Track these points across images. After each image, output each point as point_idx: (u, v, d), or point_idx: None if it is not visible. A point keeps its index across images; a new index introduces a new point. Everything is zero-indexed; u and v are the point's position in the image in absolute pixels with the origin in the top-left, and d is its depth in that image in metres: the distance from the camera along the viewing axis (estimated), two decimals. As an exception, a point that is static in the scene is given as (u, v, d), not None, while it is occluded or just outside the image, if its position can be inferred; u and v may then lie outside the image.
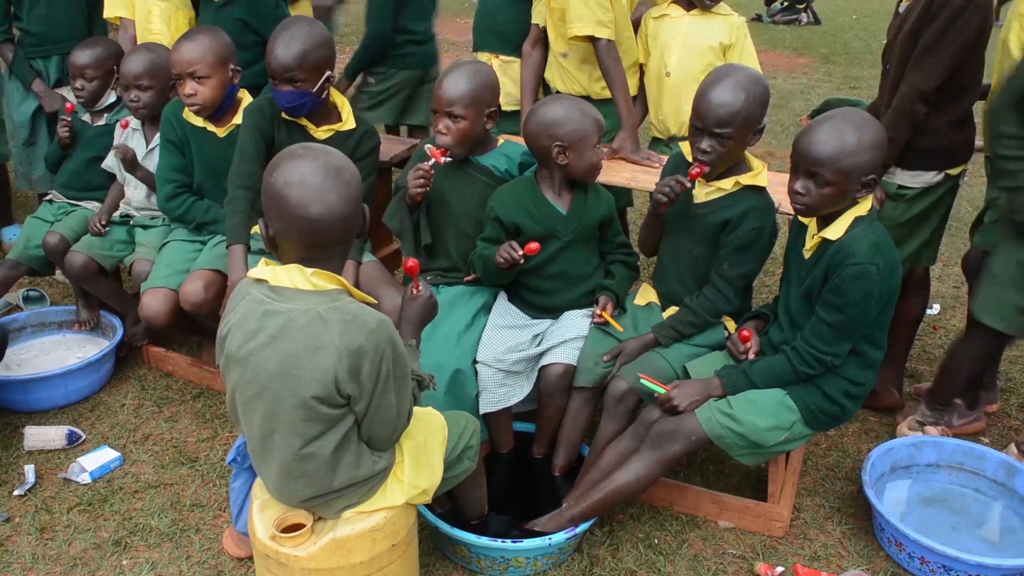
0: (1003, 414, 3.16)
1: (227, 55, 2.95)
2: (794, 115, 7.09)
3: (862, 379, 2.31)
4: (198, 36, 2.92)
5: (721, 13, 3.18)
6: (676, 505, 2.62)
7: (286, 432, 1.79)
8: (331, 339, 1.70)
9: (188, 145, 3.05)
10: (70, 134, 3.36)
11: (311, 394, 1.73)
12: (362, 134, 2.88)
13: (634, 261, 2.72)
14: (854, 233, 2.16)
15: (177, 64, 2.90)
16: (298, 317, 1.72)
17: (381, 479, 1.94)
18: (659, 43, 3.21)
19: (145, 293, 2.94)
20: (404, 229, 2.71)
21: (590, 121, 2.47)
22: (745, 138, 2.35)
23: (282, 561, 1.90)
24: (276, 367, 1.74)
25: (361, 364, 1.72)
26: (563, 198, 2.56)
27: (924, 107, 2.64)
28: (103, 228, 3.21)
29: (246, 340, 1.77)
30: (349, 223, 1.77)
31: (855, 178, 2.11)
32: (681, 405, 2.31)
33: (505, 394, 2.50)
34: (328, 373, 1.71)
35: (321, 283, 1.75)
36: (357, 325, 1.72)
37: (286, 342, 1.72)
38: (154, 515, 2.57)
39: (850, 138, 2.09)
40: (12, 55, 3.71)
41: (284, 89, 2.67)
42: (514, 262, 2.43)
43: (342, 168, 1.76)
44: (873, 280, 2.13)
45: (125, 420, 3.03)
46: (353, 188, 1.76)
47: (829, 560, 2.46)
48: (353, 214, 1.77)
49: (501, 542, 2.28)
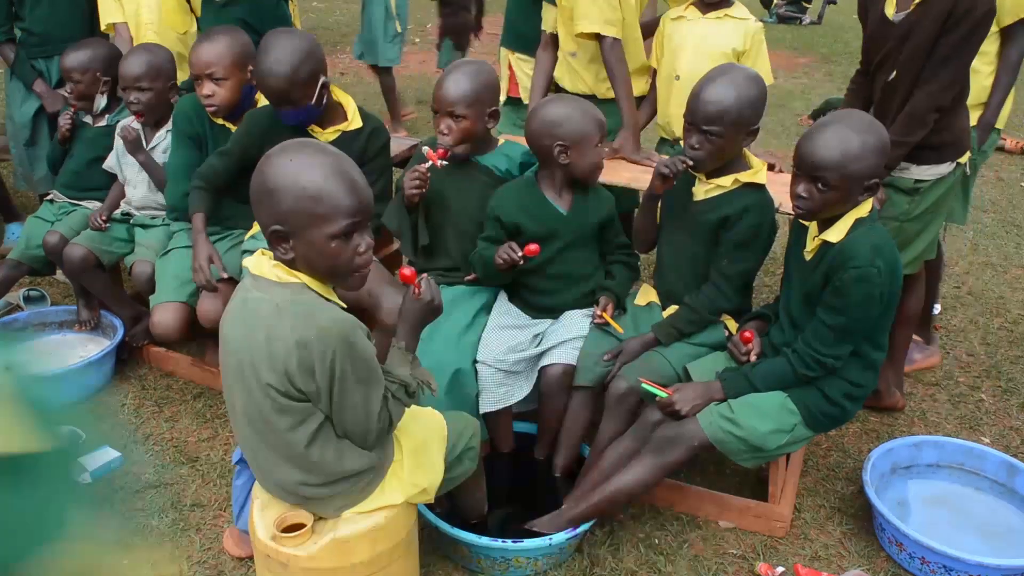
0: (1003, 414, 3.16)
1: (245, 56, 2.93)
2: (794, 115, 7.08)
3: (863, 380, 2.31)
4: (217, 37, 2.91)
5: (738, 17, 3.13)
6: (677, 505, 2.62)
7: (261, 420, 1.81)
8: (283, 331, 1.71)
9: (205, 141, 3.04)
10: (71, 127, 3.36)
11: (267, 382, 1.74)
12: (370, 132, 2.86)
13: (635, 262, 2.72)
14: (855, 235, 2.15)
15: (196, 65, 2.90)
16: (263, 306, 1.74)
17: (377, 476, 1.94)
18: (672, 45, 3.20)
19: (155, 309, 2.93)
20: (403, 230, 2.71)
21: (591, 120, 2.47)
22: (736, 137, 2.34)
23: (282, 561, 1.90)
24: (248, 355, 1.76)
25: (312, 360, 1.71)
26: (564, 198, 2.56)
27: (937, 115, 2.64)
28: (104, 223, 3.21)
29: (230, 326, 1.81)
30: (256, 211, 1.75)
31: (858, 182, 2.11)
32: (683, 409, 2.31)
33: (505, 394, 2.50)
34: (280, 365, 1.72)
35: (282, 275, 1.76)
36: (308, 321, 1.71)
37: (253, 331, 1.75)
38: (154, 515, 2.57)
39: (854, 143, 2.08)
40: (14, 55, 3.71)
41: (287, 110, 2.67)
42: (513, 263, 2.43)
43: (269, 165, 1.74)
44: (874, 283, 2.12)
45: (125, 420, 3.02)
46: (259, 187, 1.73)
47: (830, 560, 2.46)
48: (257, 207, 1.75)
49: (502, 542, 2.28)
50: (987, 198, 5.31)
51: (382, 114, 6.87)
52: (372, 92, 7.56)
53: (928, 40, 2.59)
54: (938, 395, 3.26)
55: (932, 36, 2.58)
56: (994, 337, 3.69)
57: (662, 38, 3.27)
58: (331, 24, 10.64)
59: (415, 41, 9.80)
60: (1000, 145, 6.21)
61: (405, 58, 6.58)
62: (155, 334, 2.95)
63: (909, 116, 2.65)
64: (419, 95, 7.47)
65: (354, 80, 8.03)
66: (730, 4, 3.17)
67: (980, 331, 3.73)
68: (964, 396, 3.26)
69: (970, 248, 4.58)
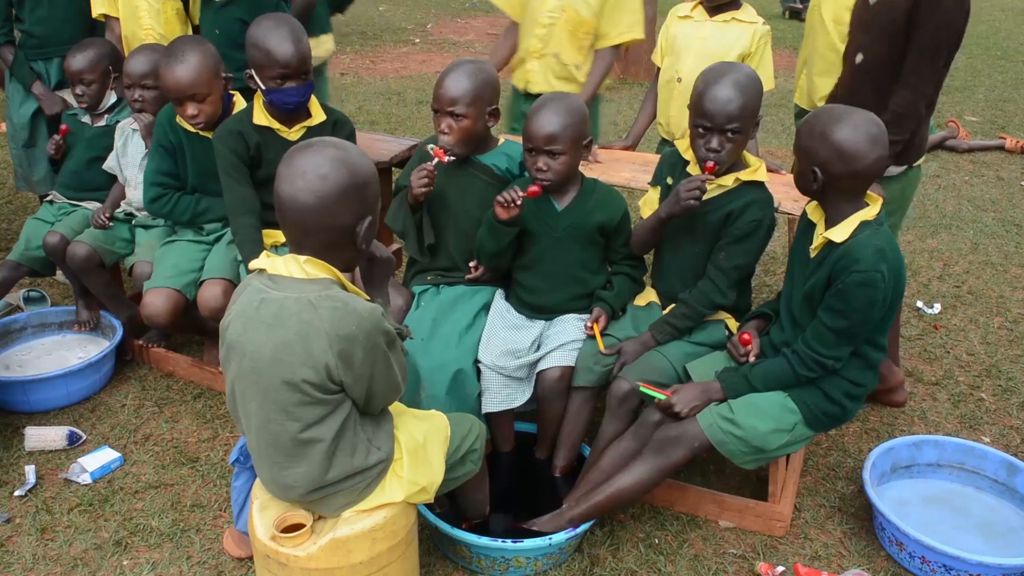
0: (1003, 413, 3.16)
1: (217, 67, 2.95)
2: (794, 114, 7.08)
3: (863, 380, 2.31)
4: (187, 57, 2.89)
5: (745, 20, 3.13)
6: (677, 505, 2.62)
7: (282, 418, 1.81)
8: (321, 325, 1.72)
9: (182, 150, 3.06)
10: (58, 153, 3.40)
11: (303, 378, 1.75)
12: (333, 124, 2.91)
13: (639, 275, 2.68)
14: (859, 239, 2.15)
15: (174, 90, 2.90)
16: (290, 304, 1.75)
17: (379, 474, 1.94)
18: (676, 45, 3.20)
19: (148, 292, 2.94)
20: (407, 229, 2.71)
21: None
22: (749, 130, 2.36)
23: (282, 561, 1.90)
24: (271, 354, 1.76)
25: (353, 351, 1.75)
26: (564, 196, 2.57)
27: (926, 110, 2.65)
28: (107, 221, 3.21)
29: (244, 328, 1.80)
30: (318, 215, 1.76)
31: (860, 184, 2.17)
32: (682, 410, 2.31)
33: (508, 396, 2.51)
34: (319, 359, 1.73)
35: (313, 271, 1.79)
36: (347, 313, 1.74)
37: (280, 329, 1.74)
38: (154, 515, 2.58)
39: (859, 137, 2.10)
40: (12, 57, 3.71)
41: (296, 85, 2.72)
42: (513, 203, 2.43)
43: (322, 164, 1.76)
44: (878, 287, 2.12)
45: (126, 420, 3.03)
46: (328, 184, 1.75)
47: (830, 560, 2.46)
48: (323, 210, 1.76)
49: (501, 542, 2.28)
50: (987, 197, 5.31)
51: (382, 114, 6.89)
52: (372, 92, 7.58)
53: (893, 25, 2.60)
54: (938, 394, 3.26)
55: (899, 23, 2.59)
56: (994, 336, 3.68)
57: (667, 36, 3.27)
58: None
59: (415, 41, 9.81)
60: (1000, 144, 6.21)
61: (405, 58, 6.55)
62: (144, 315, 2.96)
63: (898, 115, 2.64)
64: (419, 95, 7.47)
65: (354, 80, 8.03)
66: (738, 6, 3.14)
67: (980, 330, 3.73)
68: (964, 395, 3.26)
69: (970, 247, 4.58)
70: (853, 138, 2.09)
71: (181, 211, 3.10)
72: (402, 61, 6.83)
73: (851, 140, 2.09)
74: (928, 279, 4.18)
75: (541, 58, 3.39)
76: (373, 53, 9.20)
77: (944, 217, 4.95)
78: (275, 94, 2.73)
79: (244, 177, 2.85)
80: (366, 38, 9.95)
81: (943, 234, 4.74)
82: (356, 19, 11.02)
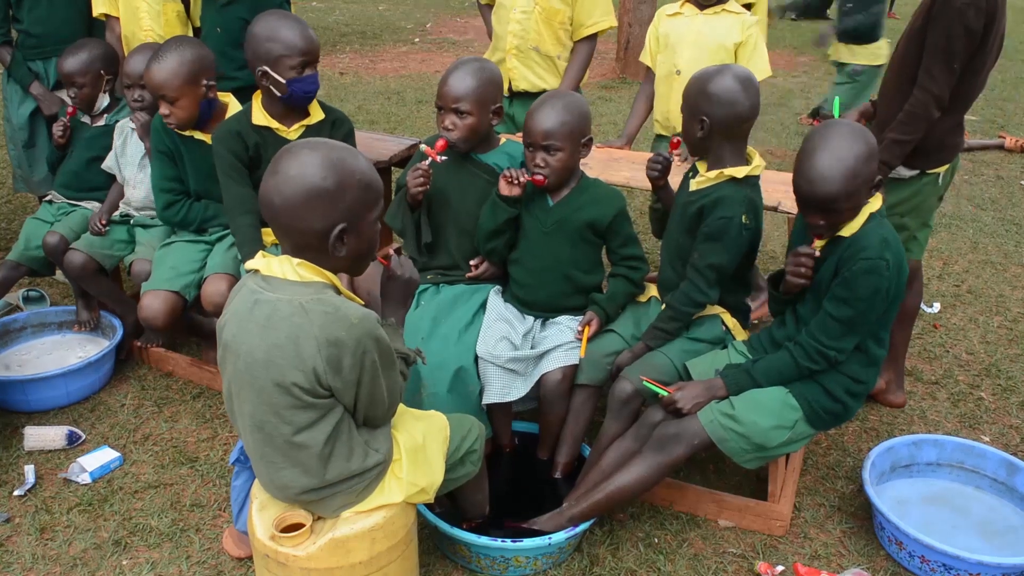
0: (1003, 412, 3.16)
1: (196, 74, 2.90)
2: (794, 114, 7.09)
3: (865, 377, 2.31)
4: (165, 57, 2.88)
5: (733, 12, 3.24)
6: (676, 504, 2.62)
7: (276, 420, 1.81)
8: (311, 330, 1.72)
9: (180, 154, 3.06)
10: (64, 136, 3.37)
11: (293, 381, 1.74)
12: (331, 123, 2.91)
13: (638, 276, 2.66)
14: (867, 228, 2.17)
15: (148, 86, 2.93)
16: (283, 307, 1.75)
17: (378, 476, 1.94)
18: (670, 41, 3.28)
19: (145, 294, 2.94)
20: (406, 228, 2.72)
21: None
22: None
23: (281, 561, 1.90)
24: (263, 356, 1.76)
25: (341, 357, 1.74)
26: (559, 192, 2.57)
27: (939, 112, 2.65)
28: (103, 227, 3.21)
29: (239, 329, 1.80)
30: (285, 217, 1.75)
31: (864, 193, 2.15)
32: (685, 407, 2.31)
33: (504, 388, 2.51)
34: (308, 363, 1.73)
35: (307, 274, 1.78)
36: (338, 318, 1.74)
37: (272, 332, 1.74)
38: (154, 515, 2.57)
39: (848, 165, 2.08)
40: (10, 57, 3.71)
41: (314, 72, 2.75)
42: (516, 180, 2.47)
43: (295, 165, 1.74)
44: (883, 275, 2.13)
45: (125, 420, 3.03)
46: (293, 187, 1.73)
47: (829, 559, 2.46)
48: (288, 211, 1.74)
49: (501, 542, 2.28)
50: (987, 196, 5.31)
51: (382, 114, 6.89)
52: (372, 92, 7.57)
53: (916, 23, 2.64)
54: (938, 393, 3.26)
55: (921, 22, 2.63)
56: (994, 335, 3.68)
57: (656, 35, 3.32)
58: (330, 24, 10.65)
59: (414, 41, 9.81)
60: (1000, 143, 6.21)
61: (404, 57, 6.54)
62: (141, 318, 2.96)
63: (910, 114, 2.65)
64: (418, 95, 7.47)
65: (354, 80, 8.03)
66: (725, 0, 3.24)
67: (980, 329, 3.73)
68: (964, 395, 3.26)
69: (970, 246, 4.58)
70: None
71: (193, 218, 3.09)
72: (401, 60, 6.80)
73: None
74: (928, 278, 4.18)
75: (520, 54, 3.48)
76: (372, 52, 9.20)
77: (943, 216, 4.95)
78: (298, 83, 2.72)
79: (243, 177, 2.84)
80: (365, 37, 9.96)
81: (942, 233, 4.74)
82: (356, 19, 11.03)
